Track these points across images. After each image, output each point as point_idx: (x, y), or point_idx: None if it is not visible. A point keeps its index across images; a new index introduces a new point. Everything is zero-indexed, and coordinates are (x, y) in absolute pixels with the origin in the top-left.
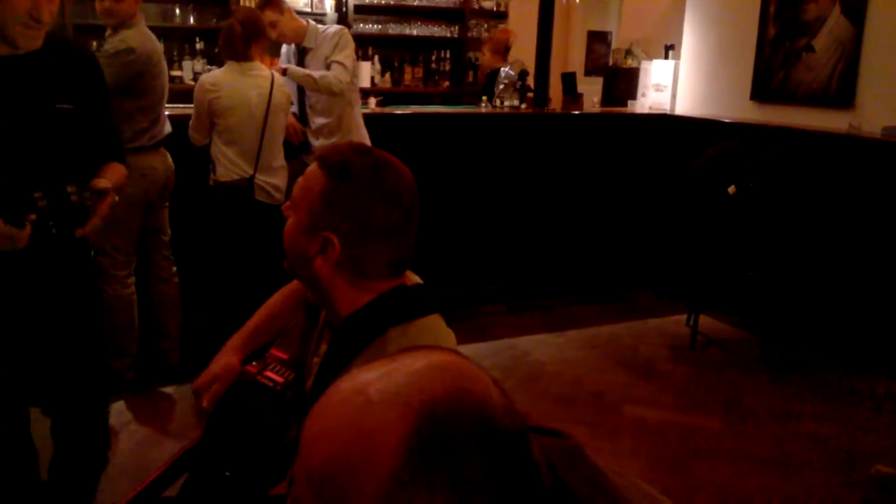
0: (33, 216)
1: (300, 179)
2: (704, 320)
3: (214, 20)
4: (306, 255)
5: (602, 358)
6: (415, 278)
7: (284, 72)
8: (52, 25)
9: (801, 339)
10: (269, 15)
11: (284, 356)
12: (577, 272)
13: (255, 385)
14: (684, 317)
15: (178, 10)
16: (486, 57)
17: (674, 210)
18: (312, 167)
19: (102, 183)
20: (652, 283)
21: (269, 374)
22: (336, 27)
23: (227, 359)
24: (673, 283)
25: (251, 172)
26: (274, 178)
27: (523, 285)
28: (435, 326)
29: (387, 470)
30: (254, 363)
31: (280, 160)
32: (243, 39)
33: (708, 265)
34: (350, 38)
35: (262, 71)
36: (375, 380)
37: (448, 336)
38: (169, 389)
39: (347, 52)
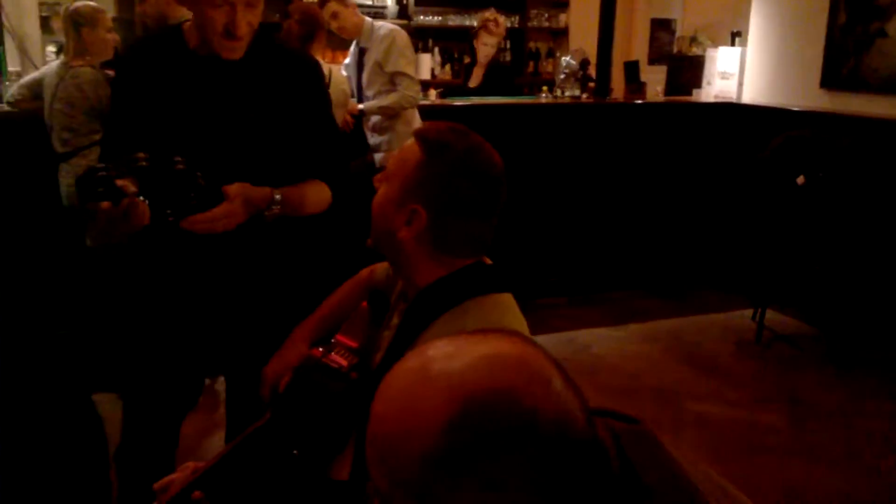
0: (133, 188)
1: (397, 152)
2: (770, 315)
3: (277, 15)
4: (391, 226)
5: (664, 352)
6: (488, 261)
7: (361, 112)
8: (258, 34)
9: (870, 335)
10: (332, 6)
11: (348, 342)
12: (640, 265)
13: (321, 367)
14: (749, 312)
15: None
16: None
17: (740, 202)
18: (410, 141)
19: (235, 189)
20: (716, 276)
21: (334, 356)
22: (388, 27)
23: (294, 346)
24: (738, 278)
25: None
26: None
27: (584, 277)
28: (509, 304)
29: (422, 449)
30: (319, 347)
31: None
32: (300, 39)
33: (775, 259)
34: (405, 40)
35: None
36: (440, 357)
37: (519, 318)
38: None
39: (409, 58)
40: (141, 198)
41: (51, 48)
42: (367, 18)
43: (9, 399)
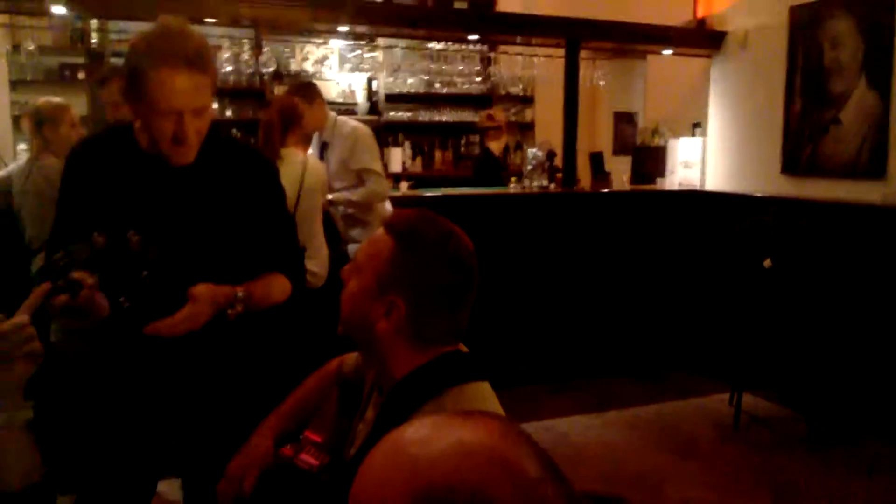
0: (91, 279)
1: (364, 244)
2: (748, 398)
3: (251, 111)
4: (368, 318)
5: (643, 439)
6: (463, 348)
7: (331, 202)
8: (209, 133)
9: (849, 413)
10: (296, 102)
11: (318, 439)
12: (614, 351)
13: (291, 468)
14: (726, 395)
15: (215, 104)
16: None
17: (710, 286)
18: (380, 232)
19: (199, 291)
20: (691, 360)
21: (304, 456)
22: (350, 125)
23: (261, 441)
24: (713, 361)
25: None
26: (308, 263)
27: (559, 365)
28: (488, 393)
29: None
30: (289, 446)
31: (317, 243)
32: (280, 130)
33: (748, 342)
34: (369, 136)
35: (294, 157)
36: (414, 441)
37: (497, 407)
38: None
39: (374, 154)
40: (97, 289)
41: (22, 146)
42: (332, 113)
43: None
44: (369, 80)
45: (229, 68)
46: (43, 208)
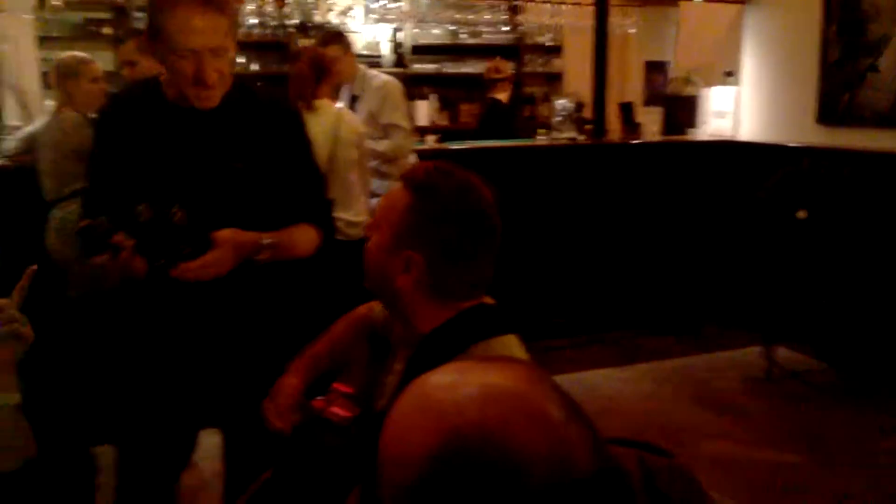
0: (130, 241)
1: (382, 199)
2: (780, 351)
3: (276, 65)
4: (388, 274)
5: (673, 392)
6: (489, 301)
7: None
8: (233, 83)
9: (882, 366)
10: (334, 50)
11: (349, 390)
12: (645, 304)
13: (322, 421)
14: (758, 348)
15: (240, 58)
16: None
17: (742, 238)
18: (397, 186)
19: (224, 235)
20: (722, 313)
21: (335, 409)
22: (381, 79)
23: (289, 380)
24: (745, 314)
25: None
26: (346, 214)
27: (589, 318)
28: (516, 346)
29: (405, 477)
30: (320, 398)
31: (355, 194)
32: (313, 81)
33: (781, 294)
34: (399, 92)
35: (328, 108)
36: (439, 386)
37: (524, 358)
38: None
39: (402, 112)
40: (136, 253)
41: (50, 102)
42: (361, 66)
43: None
44: (394, 31)
45: (254, 21)
46: (58, 161)
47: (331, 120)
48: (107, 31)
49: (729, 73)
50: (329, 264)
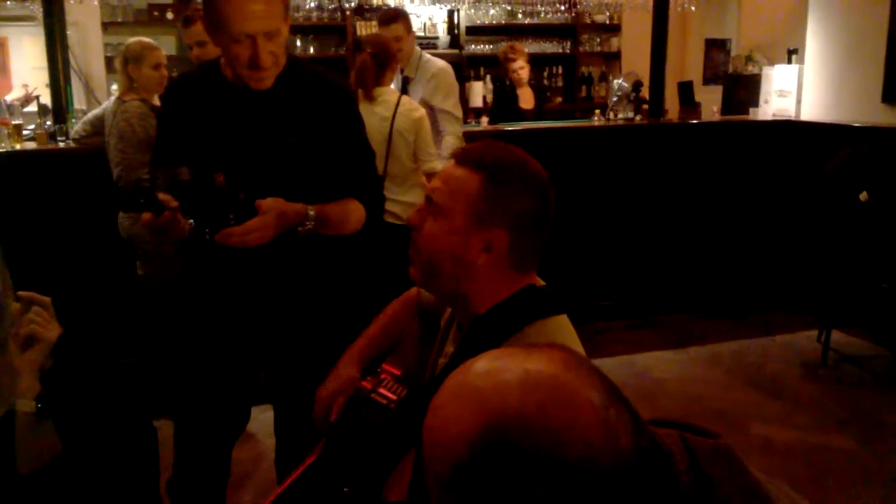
0: (175, 203)
1: (439, 185)
2: (836, 335)
3: (333, 48)
4: (464, 257)
5: (726, 375)
6: (540, 282)
7: None
8: (290, 64)
9: None
10: (397, 29)
11: (397, 371)
12: (699, 287)
13: (370, 403)
14: (813, 332)
15: (298, 41)
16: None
17: (802, 220)
18: (457, 170)
19: (268, 203)
20: (778, 297)
21: (382, 391)
22: (436, 65)
23: (347, 371)
24: (801, 298)
25: None
26: (404, 198)
27: (642, 301)
28: (567, 327)
29: (450, 458)
30: (368, 378)
31: (412, 181)
32: (375, 71)
33: (839, 278)
34: (452, 79)
35: (387, 96)
36: (480, 373)
37: (576, 340)
38: None
39: (455, 100)
40: (182, 214)
41: (114, 86)
42: (417, 48)
43: (74, 429)
44: (450, 13)
45: (312, 4)
46: (125, 152)
47: (388, 109)
48: (169, 15)
49: (793, 51)
50: (383, 246)
